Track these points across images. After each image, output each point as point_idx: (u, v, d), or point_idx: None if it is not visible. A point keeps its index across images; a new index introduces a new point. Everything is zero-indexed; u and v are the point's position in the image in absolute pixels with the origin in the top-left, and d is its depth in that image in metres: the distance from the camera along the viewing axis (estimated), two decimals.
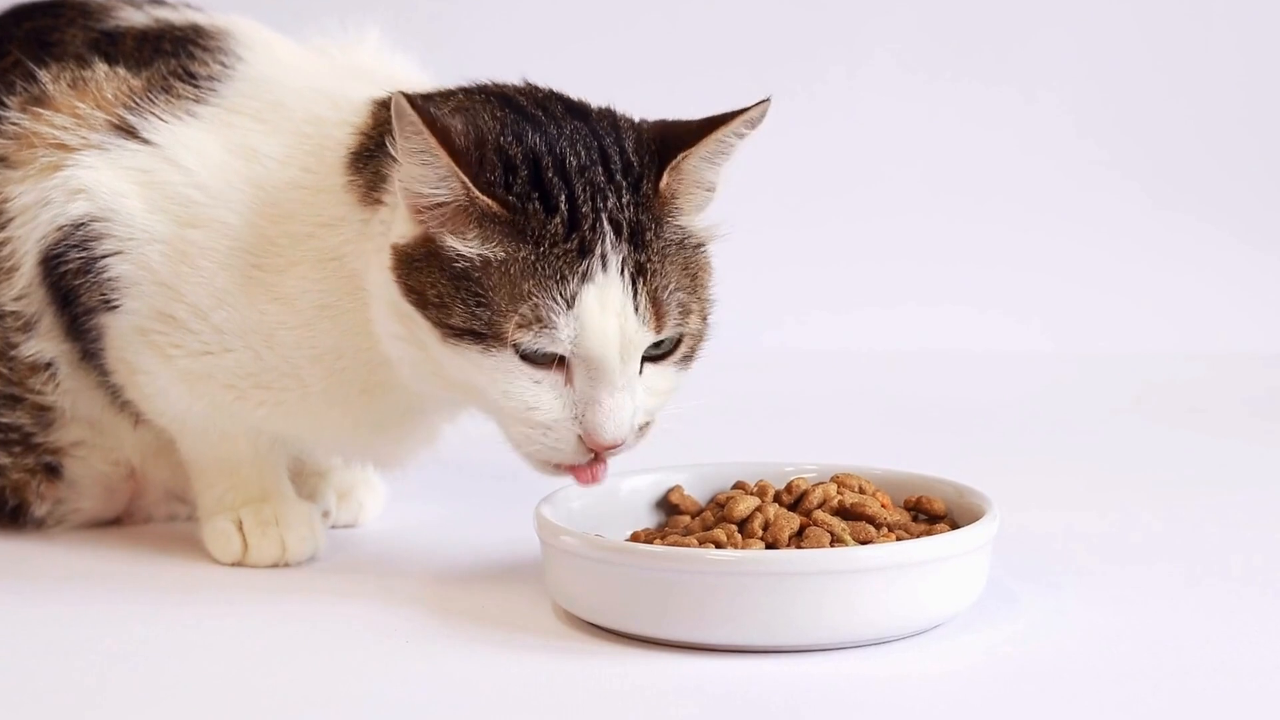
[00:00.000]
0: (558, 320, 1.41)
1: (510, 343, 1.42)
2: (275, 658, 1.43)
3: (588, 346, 1.42)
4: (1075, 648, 1.42)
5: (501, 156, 1.43)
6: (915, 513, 1.51)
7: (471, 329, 1.42)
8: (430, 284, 1.43)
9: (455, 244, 1.42)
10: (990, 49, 2.68)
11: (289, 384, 1.56)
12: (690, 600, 1.38)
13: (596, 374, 1.43)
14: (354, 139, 1.53)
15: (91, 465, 1.70)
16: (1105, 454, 2.03)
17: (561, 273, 1.41)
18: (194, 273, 1.55)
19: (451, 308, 1.42)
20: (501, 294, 1.41)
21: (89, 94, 1.60)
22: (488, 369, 1.43)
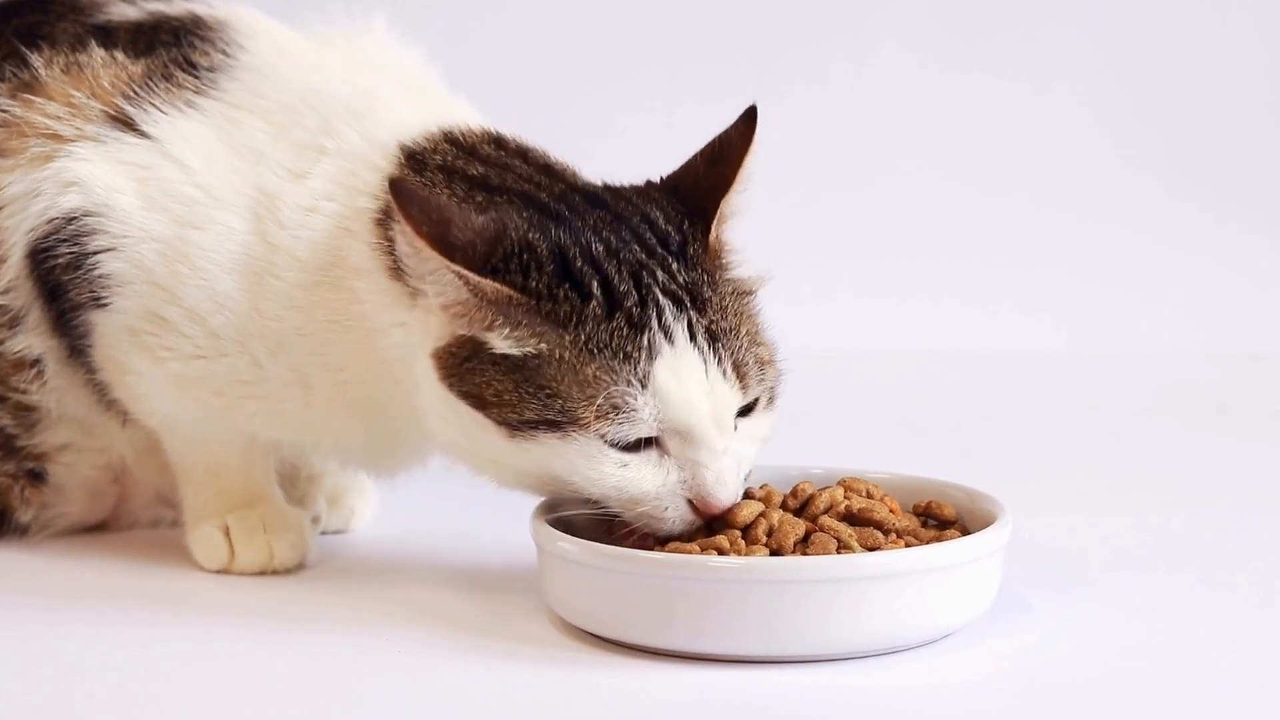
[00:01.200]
0: (635, 403, 1.41)
1: (594, 432, 1.41)
2: (262, 668, 1.42)
3: (676, 421, 1.42)
4: (1090, 658, 1.42)
5: (523, 250, 1.43)
6: (925, 518, 1.51)
7: (547, 419, 1.42)
8: (486, 383, 1.43)
9: (495, 340, 1.42)
10: (1002, 39, 2.68)
11: (292, 394, 1.55)
12: (692, 609, 1.38)
13: (694, 444, 1.43)
14: (383, 195, 1.50)
15: (77, 470, 1.70)
16: (1122, 457, 2.03)
17: (624, 352, 1.42)
18: (193, 275, 1.54)
19: (518, 404, 1.42)
20: (567, 382, 1.41)
21: (84, 81, 1.60)
22: (570, 456, 1.42)
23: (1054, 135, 2.65)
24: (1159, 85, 2.66)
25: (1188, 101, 2.65)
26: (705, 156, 1.50)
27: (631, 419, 1.41)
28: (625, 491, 1.43)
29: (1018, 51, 2.67)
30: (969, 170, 2.65)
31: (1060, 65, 2.66)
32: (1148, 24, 2.66)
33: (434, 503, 1.80)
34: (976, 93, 2.66)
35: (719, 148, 1.49)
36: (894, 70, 2.67)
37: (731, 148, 1.49)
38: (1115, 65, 2.66)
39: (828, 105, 2.64)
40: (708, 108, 1.55)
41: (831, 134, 2.64)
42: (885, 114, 2.67)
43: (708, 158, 1.49)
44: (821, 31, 2.66)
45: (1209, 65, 2.66)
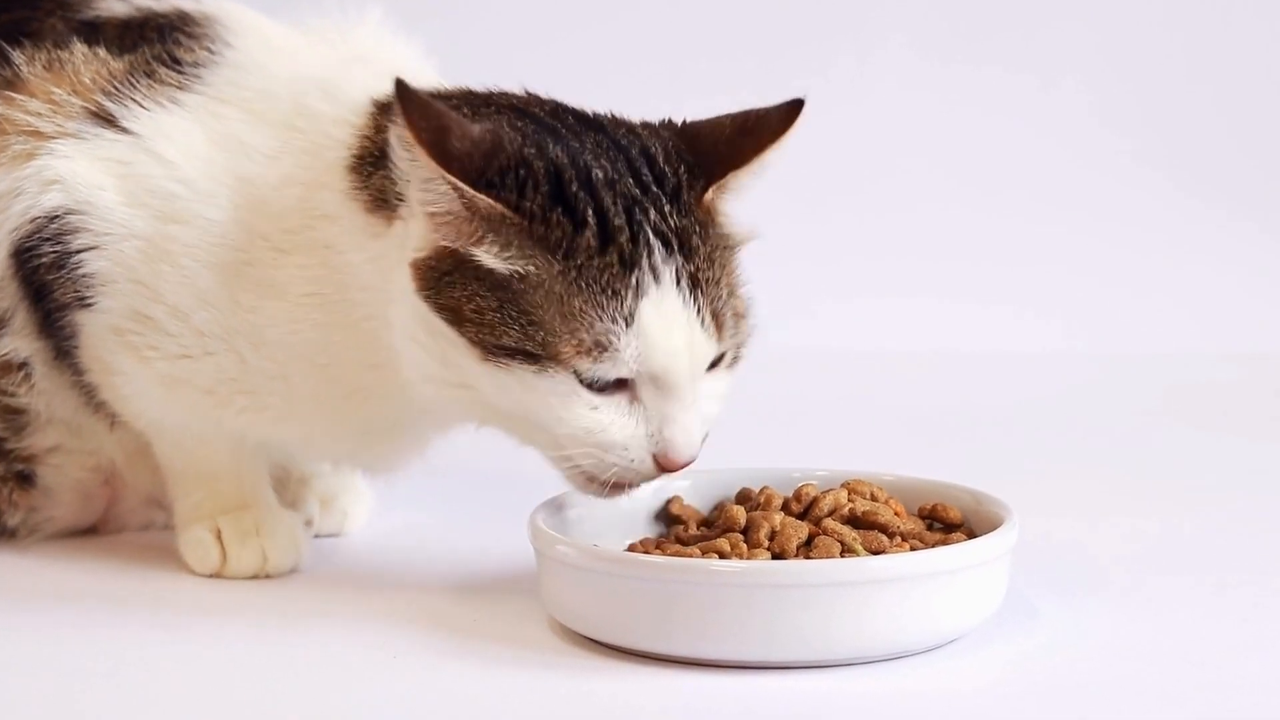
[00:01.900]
0: (618, 341, 1.40)
1: (570, 368, 1.41)
2: (255, 674, 1.42)
3: (656, 364, 1.41)
4: (1098, 663, 1.42)
5: (519, 165, 1.42)
6: (930, 521, 1.51)
7: (524, 349, 1.41)
8: (467, 299, 1.42)
9: (482, 255, 1.42)
10: (1008, 33, 2.68)
11: (275, 386, 1.55)
12: (692, 613, 1.38)
13: (667, 391, 1.42)
14: (355, 141, 1.52)
15: (67, 472, 1.70)
16: (1130, 459, 2.03)
17: (612, 288, 1.41)
18: (175, 271, 1.54)
19: (498, 326, 1.41)
20: (550, 312, 1.41)
21: (65, 78, 1.60)
22: (542, 391, 1.41)
23: (1060, 132, 2.65)
24: (1166, 80, 2.66)
25: (1195, 96, 2.66)
26: (736, 122, 1.49)
27: (613, 359, 1.40)
28: (593, 435, 1.42)
29: (1023, 46, 2.67)
30: (973, 167, 2.65)
31: (1066, 60, 2.67)
32: (1154, 18, 2.67)
33: (429, 506, 1.80)
34: (980, 88, 2.67)
35: (752, 121, 1.49)
36: (897, 65, 2.68)
37: (765, 127, 1.48)
38: (1122, 60, 2.67)
39: (829, 101, 2.64)
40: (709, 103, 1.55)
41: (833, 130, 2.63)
42: (888, 110, 2.67)
43: (738, 125, 1.49)
44: (824, 26, 2.67)
45: (1217, 59, 2.66)
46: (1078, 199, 2.63)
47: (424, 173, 1.41)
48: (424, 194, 1.42)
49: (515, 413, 1.44)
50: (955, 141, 2.66)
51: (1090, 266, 2.59)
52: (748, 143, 1.48)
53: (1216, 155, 2.64)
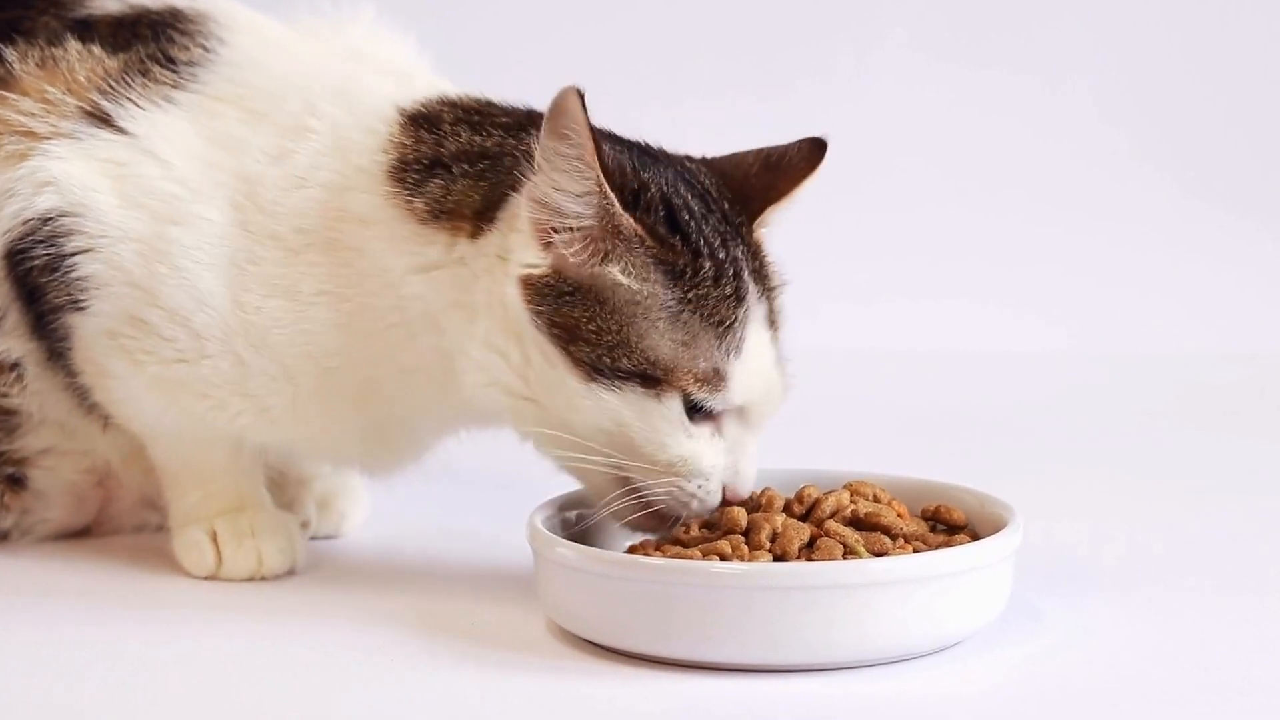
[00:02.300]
0: (730, 373, 1.44)
1: (682, 396, 1.43)
2: (251, 677, 1.42)
3: (753, 398, 1.45)
4: (1103, 666, 1.42)
5: (641, 189, 1.45)
6: (934, 523, 1.51)
7: (643, 372, 1.43)
8: (587, 319, 1.43)
9: (615, 275, 1.43)
10: (1011, 31, 2.68)
11: (277, 388, 1.55)
12: (693, 616, 1.38)
13: (750, 425, 1.47)
14: (389, 147, 1.52)
15: (59, 474, 1.69)
16: (1135, 460, 2.03)
17: (726, 319, 1.44)
18: (173, 273, 1.54)
19: (617, 347, 1.43)
20: (673, 338, 1.43)
21: (59, 76, 1.59)
22: (652, 416, 1.43)
23: (1064, 132, 2.66)
24: (1171, 79, 2.66)
25: (1200, 96, 2.66)
26: (759, 158, 1.53)
27: (724, 389, 1.44)
28: (687, 464, 1.44)
29: (1027, 45, 2.68)
30: (974, 167, 2.66)
31: (1071, 59, 2.67)
32: (1155, 16, 2.66)
33: (427, 507, 1.80)
34: (984, 88, 2.67)
35: (776, 158, 1.52)
36: (897, 63, 2.68)
37: (792, 164, 1.52)
38: (1123, 58, 2.67)
39: (828, 100, 2.65)
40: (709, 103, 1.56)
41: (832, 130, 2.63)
42: (889, 109, 2.67)
43: (762, 161, 1.52)
44: (824, 25, 2.67)
45: (1222, 58, 2.67)
46: (1079, 198, 2.63)
47: (581, 187, 1.42)
48: (574, 208, 1.43)
49: (610, 434, 1.44)
50: (956, 141, 2.66)
51: (1092, 266, 2.59)
52: (780, 178, 1.51)
53: (1220, 154, 2.65)
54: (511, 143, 1.50)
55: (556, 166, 1.42)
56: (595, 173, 1.42)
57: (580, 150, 1.41)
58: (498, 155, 1.49)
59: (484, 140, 1.51)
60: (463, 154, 1.50)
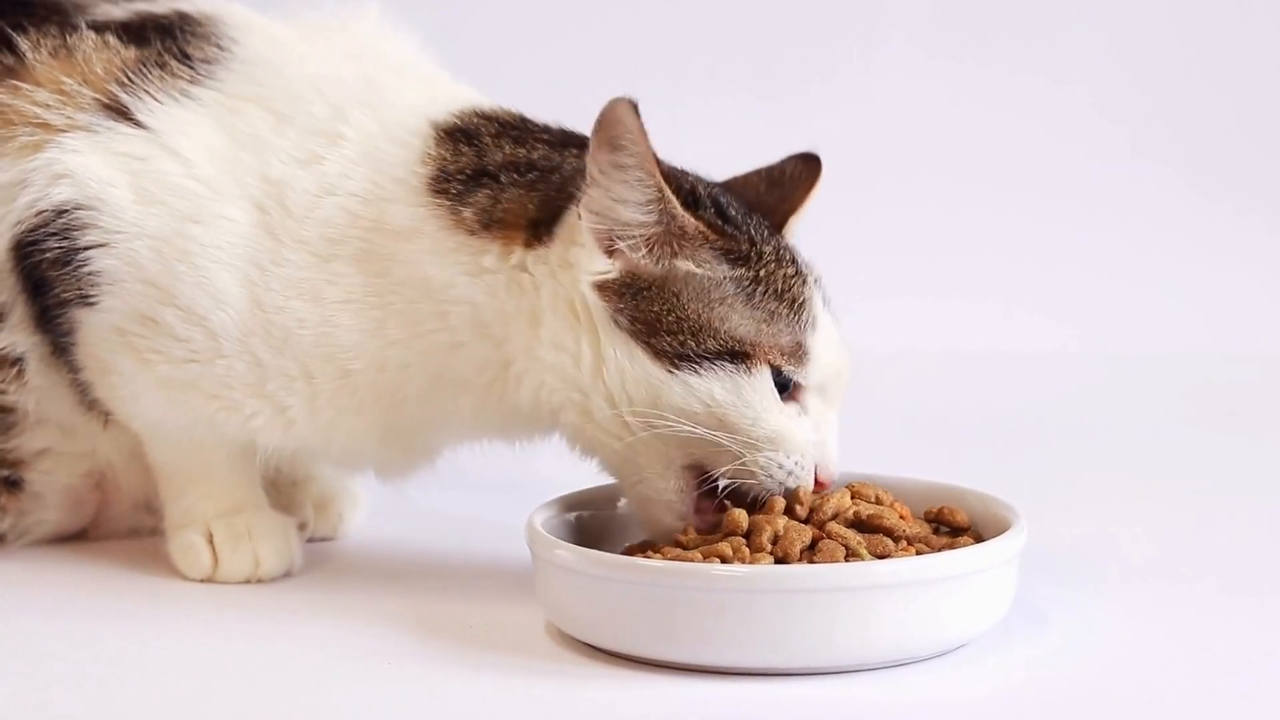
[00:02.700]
0: (815, 346, 1.48)
1: (772, 369, 1.47)
2: (247, 681, 1.41)
3: (832, 372, 1.50)
4: (1109, 670, 1.41)
5: (692, 189, 1.51)
6: (937, 525, 1.51)
7: (730, 350, 1.46)
8: (667, 310, 1.47)
9: (690, 266, 1.47)
10: (1016, 29, 2.68)
11: (297, 388, 1.55)
12: (694, 619, 1.37)
13: (830, 401, 1.50)
14: (426, 159, 1.53)
15: (57, 477, 1.69)
16: (1141, 461, 2.03)
17: (798, 296, 1.49)
18: (192, 272, 1.54)
19: (701, 332, 1.46)
20: (754, 315, 1.47)
21: (75, 67, 1.59)
22: (745, 391, 1.46)
23: (1069, 130, 2.65)
24: (1177, 75, 2.66)
25: (1206, 92, 2.66)
26: (761, 179, 1.59)
27: (808, 362, 1.48)
28: (783, 438, 1.47)
29: (1032, 43, 2.67)
30: (981, 166, 2.65)
31: (1076, 57, 2.66)
32: (1162, 11, 2.66)
33: (425, 509, 1.80)
34: (988, 86, 2.67)
35: (777, 175, 1.58)
36: (902, 63, 2.68)
37: (795, 178, 1.58)
38: (1132, 57, 2.67)
39: (832, 100, 2.65)
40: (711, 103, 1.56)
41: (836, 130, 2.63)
42: (893, 109, 2.67)
43: (764, 180, 1.58)
44: (827, 24, 2.67)
45: (1228, 54, 2.67)
46: (1087, 197, 2.63)
47: (643, 195, 1.46)
48: (636, 216, 1.46)
49: (698, 417, 1.46)
50: (959, 139, 2.66)
51: (1099, 265, 2.59)
52: (790, 192, 1.58)
53: (1225, 151, 2.65)
54: (557, 158, 1.53)
55: (614, 178, 1.46)
56: (656, 180, 1.45)
57: (639, 159, 1.45)
58: (546, 169, 1.52)
59: (529, 153, 1.53)
60: (509, 164, 1.52)
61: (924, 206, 2.63)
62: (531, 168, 1.52)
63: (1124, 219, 2.62)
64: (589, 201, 1.47)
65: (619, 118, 1.43)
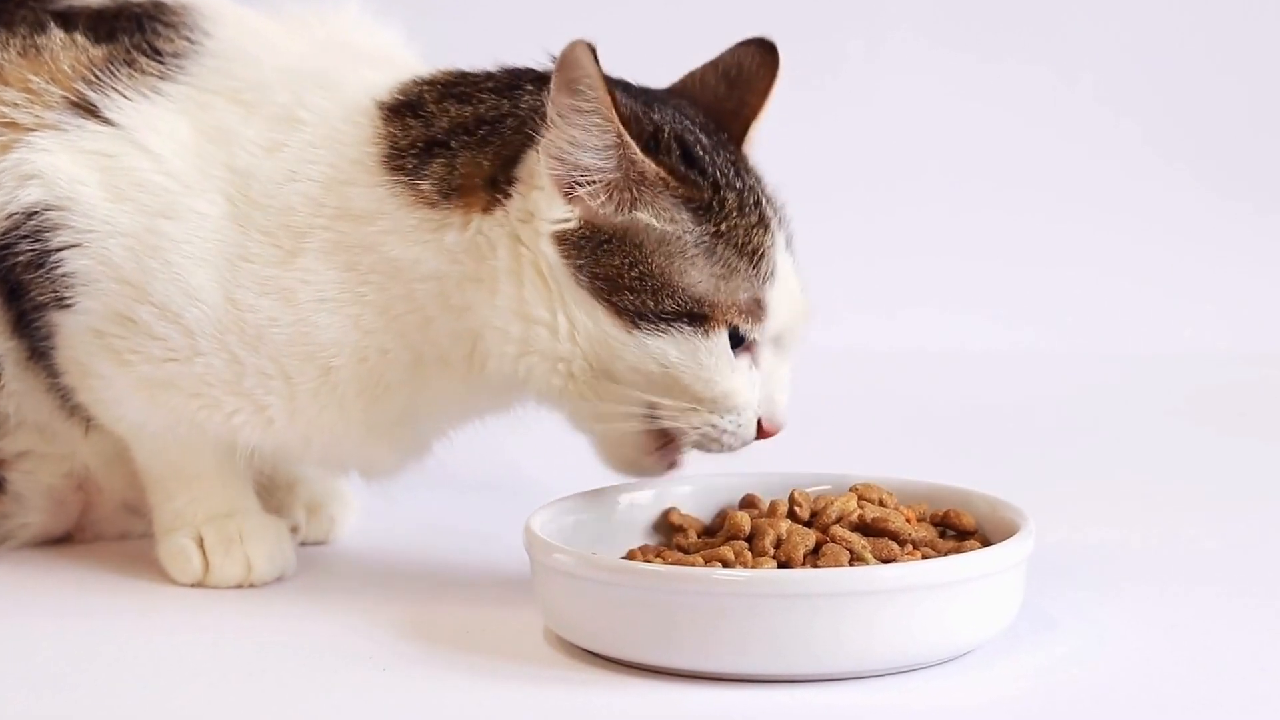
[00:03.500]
0: (769, 300, 1.48)
1: (728, 329, 1.46)
2: (239, 688, 1.41)
3: (788, 324, 1.49)
4: (1119, 676, 1.41)
5: (655, 131, 1.48)
6: (943, 528, 1.50)
7: (689, 311, 1.46)
8: (629, 264, 1.46)
9: (650, 218, 1.46)
10: (1024, 23, 2.68)
11: (274, 386, 1.55)
12: (695, 625, 1.37)
13: (783, 353, 1.50)
14: (375, 137, 1.53)
15: (38, 478, 1.69)
16: (1151, 463, 2.03)
17: (757, 248, 1.47)
18: (165, 268, 1.53)
19: (660, 290, 1.45)
20: (712, 273, 1.46)
21: (43, 65, 1.59)
22: (701, 353, 1.46)
23: (1079, 127, 2.65)
24: (1190, 69, 2.66)
25: (1220, 86, 2.66)
26: (718, 77, 1.56)
27: (765, 318, 1.48)
28: (729, 398, 1.47)
29: (1041, 37, 2.67)
30: (988, 163, 2.65)
31: (1085, 50, 2.67)
32: (1177, 4, 2.66)
33: (420, 512, 1.79)
34: (996, 82, 2.67)
35: (735, 72, 1.56)
36: (908, 58, 2.67)
37: (753, 75, 1.56)
38: (1142, 49, 2.67)
39: (836, 97, 2.65)
40: None
41: (841, 127, 2.64)
42: (899, 105, 2.67)
43: (722, 79, 1.56)
44: (829, 16, 2.66)
45: (1242, 46, 2.67)
46: (1096, 196, 2.63)
47: (601, 140, 1.44)
48: (595, 162, 1.45)
49: (652, 377, 1.47)
50: (968, 137, 2.66)
51: (1107, 263, 2.59)
52: (748, 94, 1.55)
53: (1242, 149, 2.65)
54: (507, 103, 1.52)
55: (572, 122, 1.45)
56: (615, 125, 1.44)
57: (596, 104, 1.44)
58: (496, 119, 1.51)
59: (475, 108, 1.52)
60: (458, 127, 1.51)
61: (930, 203, 2.64)
62: (480, 122, 1.51)
63: (1133, 216, 2.62)
64: (547, 145, 1.46)
65: (577, 60, 1.42)
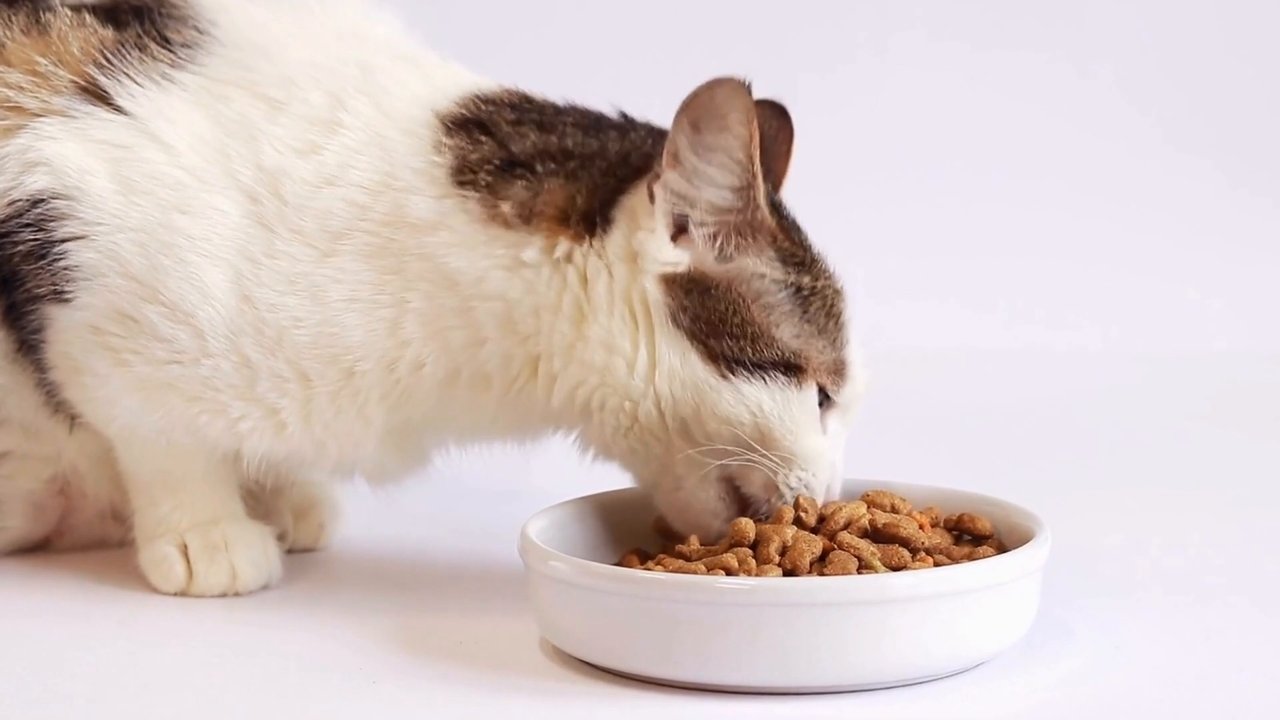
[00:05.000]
0: (852, 364, 1.52)
1: (818, 386, 1.50)
2: (223, 701, 1.41)
3: (859, 392, 1.53)
4: (1137, 689, 1.41)
5: None
6: (958, 533, 1.50)
7: (787, 362, 1.49)
8: (733, 311, 1.49)
9: (758, 266, 1.49)
10: (1038, 14, 2.69)
11: (290, 390, 1.54)
12: (698, 635, 1.37)
13: (847, 419, 1.53)
14: (445, 149, 1.53)
15: (17, 482, 1.69)
16: (1172, 466, 2.03)
17: (839, 312, 1.52)
18: (178, 266, 1.53)
19: (759, 339, 1.49)
20: (809, 329, 1.50)
21: (50, 46, 1.58)
22: (794, 406, 1.49)
23: (1095, 118, 2.66)
24: (1210, 61, 2.68)
25: (1241, 78, 2.67)
26: None
27: (845, 381, 1.51)
28: (813, 454, 1.49)
29: (1055, 28, 2.69)
30: (1003, 157, 2.67)
31: (1101, 41, 2.68)
32: None
33: (413, 518, 1.79)
34: (1010, 74, 2.68)
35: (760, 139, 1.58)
36: (918, 50, 2.69)
37: (774, 141, 1.60)
38: (1161, 39, 2.68)
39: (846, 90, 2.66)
40: None
41: (851, 121, 2.65)
42: (909, 98, 2.68)
43: None
44: (840, 8, 2.67)
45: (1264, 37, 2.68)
46: (1115, 190, 2.64)
47: (736, 180, 1.48)
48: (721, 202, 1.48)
49: (742, 427, 1.48)
50: (981, 131, 2.68)
51: (1128, 261, 2.60)
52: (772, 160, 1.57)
53: (1264, 142, 2.67)
54: (595, 143, 1.53)
55: (709, 160, 1.47)
56: (755, 167, 1.47)
57: (741, 143, 1.46)
58: (586, 155, 1.52)
59: (561, 140, 1.54)
60: (542, 152, 1.52)
61: (943, 200, 2.66)
62: (569, 155, 1.52)
63: (1153, 211, 2.64)
64: (669, 181, 1.48)
65: (729, 98, 1.45)
